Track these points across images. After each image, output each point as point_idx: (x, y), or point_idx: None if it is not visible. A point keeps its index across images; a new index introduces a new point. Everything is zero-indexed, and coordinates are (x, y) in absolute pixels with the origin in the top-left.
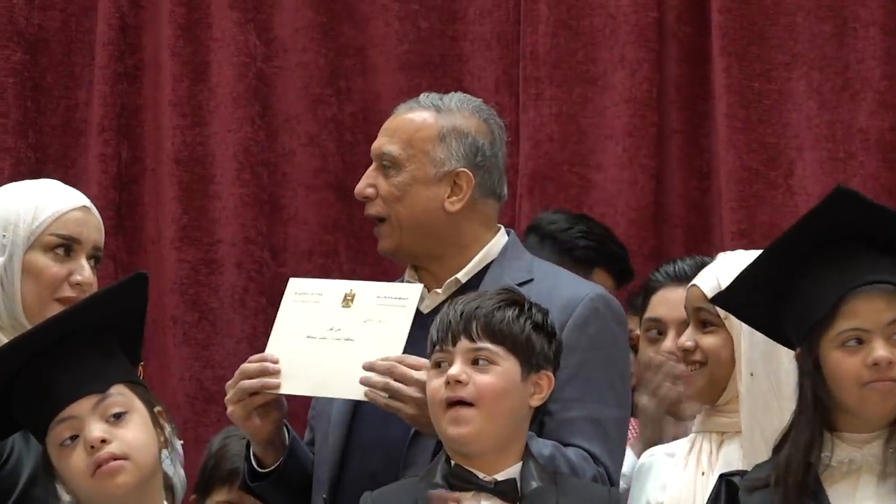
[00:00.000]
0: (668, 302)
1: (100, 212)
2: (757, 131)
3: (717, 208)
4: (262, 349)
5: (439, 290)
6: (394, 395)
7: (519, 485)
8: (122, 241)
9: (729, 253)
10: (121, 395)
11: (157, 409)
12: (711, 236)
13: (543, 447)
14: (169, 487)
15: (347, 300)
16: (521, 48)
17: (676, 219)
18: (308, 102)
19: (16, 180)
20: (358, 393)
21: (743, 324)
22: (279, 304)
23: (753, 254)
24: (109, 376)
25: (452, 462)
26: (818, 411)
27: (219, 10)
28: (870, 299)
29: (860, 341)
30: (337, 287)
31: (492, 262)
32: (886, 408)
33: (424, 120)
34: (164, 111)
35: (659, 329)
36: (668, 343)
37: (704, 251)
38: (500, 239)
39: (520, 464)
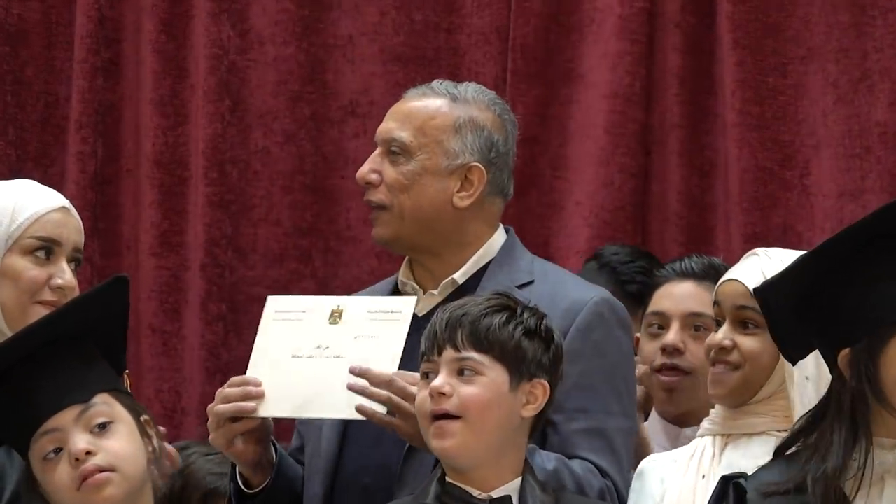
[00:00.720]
0: (672, 296)
1: (78, 213)
2: (771, 129)
3: (722, 207)
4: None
5: (435, 292)
6: (393, 409)
7: (516, 502)
8: (98, 244)
9: (771, 250)
10: (105, 405)
11: (144, 417)
12: (713, 236)
13: (547, 461)
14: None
15: (335, 317)
16: (511, 42)
17: (675, 217)
18: (285, 99)
19: None
20: (348, 411)
21: None
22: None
23: (795, 253)
24: (92, 385)
25: (446, 479)
26: (867, 414)
27: (200, 3)
28: None
29: None
30: (322, 303)
31: (490, 261)
32: None
33: (439, 108)
34: (144, 110)
35: (660, 324)
36: (672, 336)
37: (705, 252)
38: (499, 237)
39: (518, 479)
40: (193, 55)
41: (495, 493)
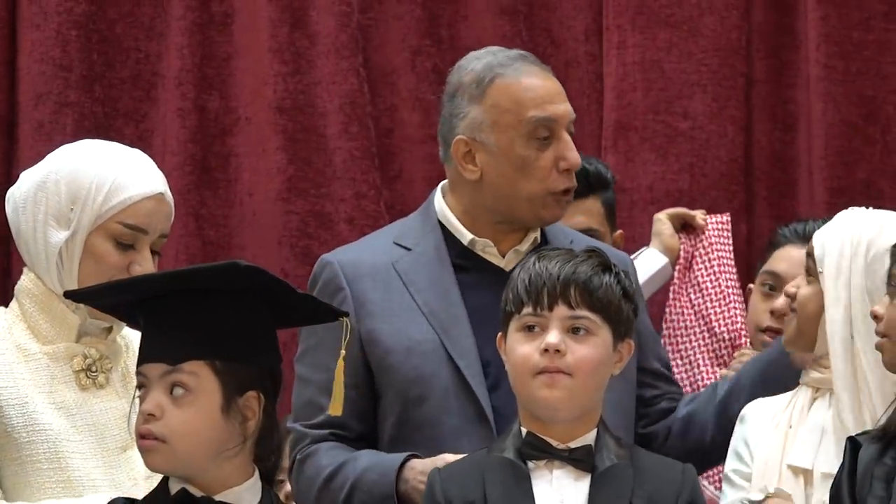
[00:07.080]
0: (788, 259)
1: (179, 167)
2: (855, 83)
3: (805, 162)
4: None
5: (521, 248)
6: None
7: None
8: (210, 195)
9: (857, 209)
10: (192, 375)
11: (243, 400)
12: (797, 191)
13: None
14: None
15: None
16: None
17: (758, 172)
18: (407, 55)
19: (79, 135)
20: None
21: (853, 284)
22: None
23: (878, 213)
24: (195, 350)
25: (524, 431)
26: None
27: None
28: None
29: None
30: None
31: None
32: None
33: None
34: (262, 58)
35: (773, 284)
36: (781, 301)
37: (787, 206)
38: None
39: (594, 431)
40: (307, 5)
41: (573, 444)
